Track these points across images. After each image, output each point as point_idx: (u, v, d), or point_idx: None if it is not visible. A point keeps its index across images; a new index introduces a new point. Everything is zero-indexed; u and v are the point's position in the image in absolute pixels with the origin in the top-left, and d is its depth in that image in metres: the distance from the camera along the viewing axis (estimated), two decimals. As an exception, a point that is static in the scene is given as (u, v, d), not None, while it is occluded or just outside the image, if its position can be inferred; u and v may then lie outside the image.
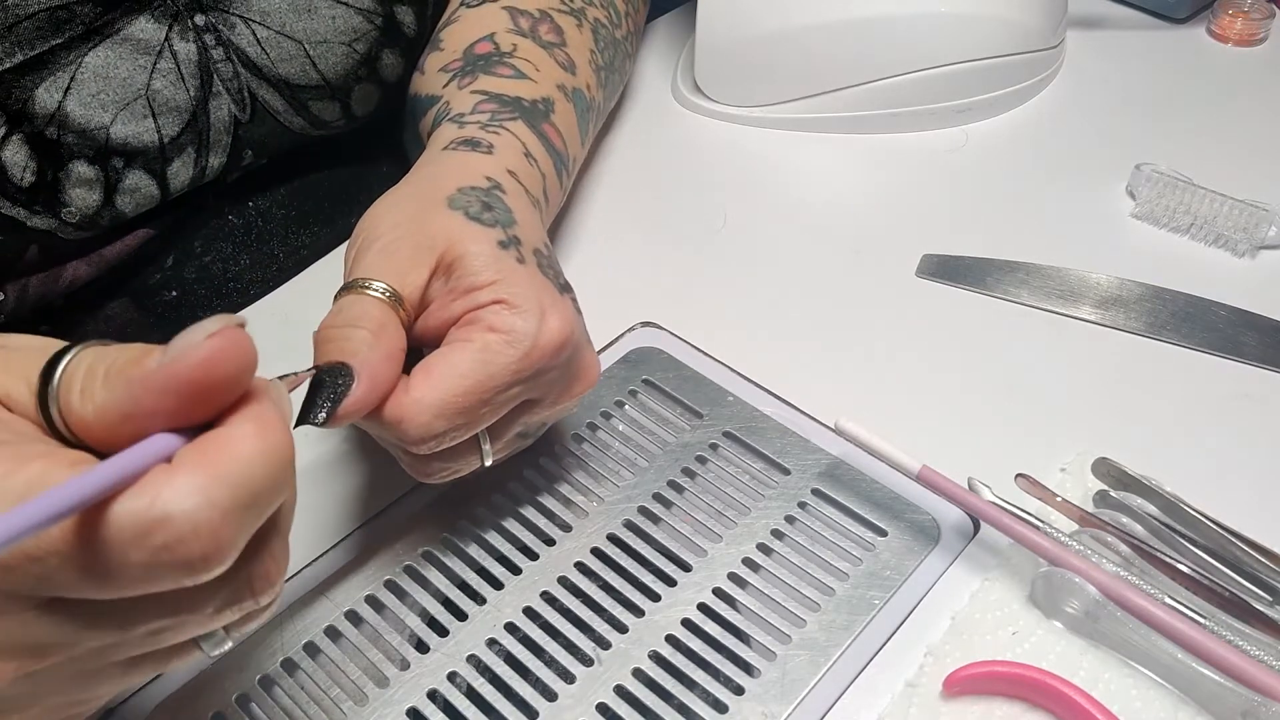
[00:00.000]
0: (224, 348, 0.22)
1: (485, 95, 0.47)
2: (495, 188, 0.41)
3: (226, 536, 0.22)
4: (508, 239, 0.38)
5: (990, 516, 0.38)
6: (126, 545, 0.21)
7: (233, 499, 0.22)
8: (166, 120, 0.48)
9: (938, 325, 0.49)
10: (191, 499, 0.22)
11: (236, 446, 0.23)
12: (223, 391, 0.23)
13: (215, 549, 0.22)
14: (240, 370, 0.23)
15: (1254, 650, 0.33)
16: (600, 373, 0.40)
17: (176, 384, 0.22)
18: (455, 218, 0.38)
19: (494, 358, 0.34)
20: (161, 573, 0.22)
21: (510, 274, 0.36)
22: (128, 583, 0.22)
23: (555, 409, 0.39)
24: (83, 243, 0.49)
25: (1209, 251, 0.53)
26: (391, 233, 0.37)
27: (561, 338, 0.35)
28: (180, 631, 0.25)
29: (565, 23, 0.53)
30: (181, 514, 0.21)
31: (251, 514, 0.23)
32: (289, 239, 0.55)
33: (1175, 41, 0.69)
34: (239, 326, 0.23)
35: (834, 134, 0.62)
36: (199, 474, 0.22)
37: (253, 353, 0.23)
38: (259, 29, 0.49)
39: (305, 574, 0.40)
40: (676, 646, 0.38)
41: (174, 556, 0.22)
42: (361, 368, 0.33)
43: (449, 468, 0.37)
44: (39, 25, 0.43)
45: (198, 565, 0.22)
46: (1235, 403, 0.45)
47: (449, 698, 0.36)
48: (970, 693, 0.35)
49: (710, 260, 0.53)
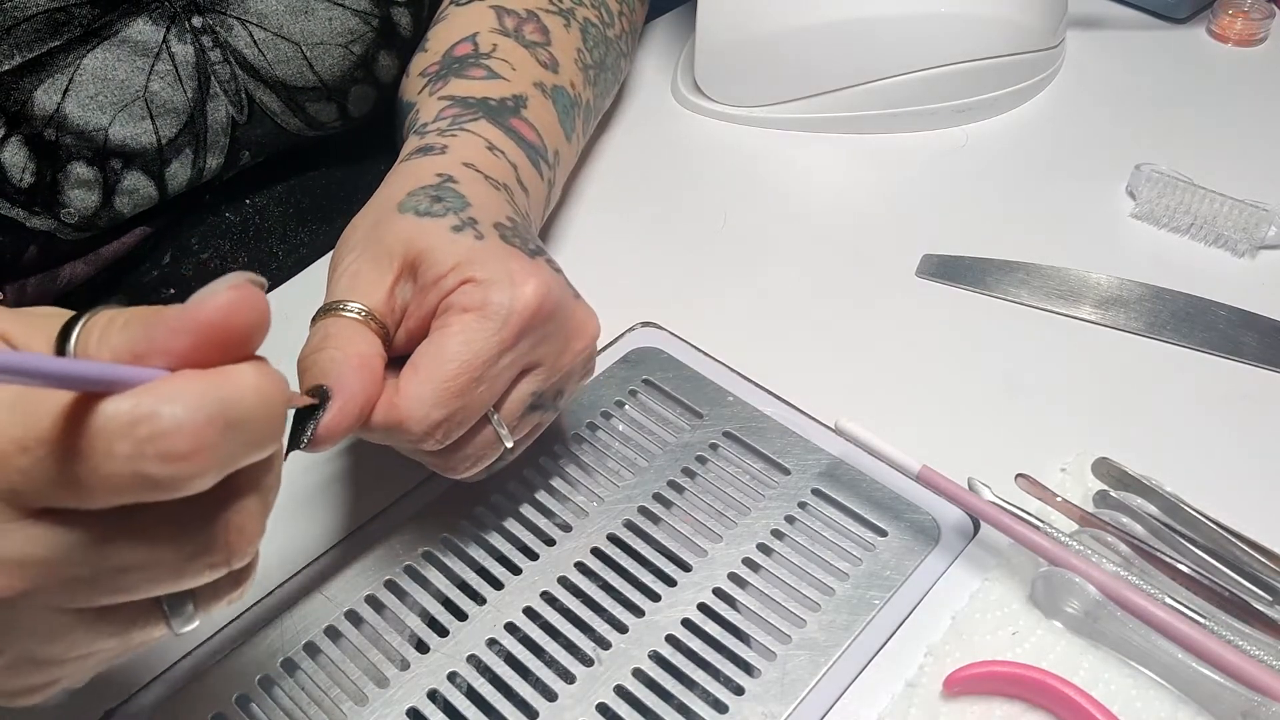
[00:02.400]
0: (243, 298, 0.23)
1: (450, 100, 0.47)
2: (446, 180, 0.40)
3: (208, 442, 0.22)
4: (461, 222, 0.38)
5: (990, 516, 0.38)
6: (114, 435, 0.22)
7: (221, 413, 0.22)
8: (164, 122, 0.48)
9: (938, 325, 0.49)
10: (181, 401, 0.22)
11: (234, 374, 0.23)
12: (236, 342, 0.23)
13: (196, 450, 0.22)
14: (255, 324, 0.24)
15: (1254, 650, 0.33)
16: (599, 325, 0.39)
17: (193, 325, 0.23)
18: (406, 219, 0.38)
19: (474, 335, 0.34)
20: (144, 468, 0.22)
21: (470, 252, 0.36)
22: (112, 481, 0.22)
23: (561, 374, 0.38)
24: (81, 243, 0.49)
25: (1209, 251, 0.53)
26: (351, 253, 0.37)
27: (538, 299, 0.35)
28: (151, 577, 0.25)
29: (552, 23, 0.53)
30: (170, 412, 0.22)
31: (237, 437, 0.23)
32: (287, 236, 0.55)
33: (1175, 41, 0.69)
34: (258, 285, 0.24)
35: (834, 134, 0.62)
36: (193, 382, 0.23)
37: (268, 311, 0.24)
38: (256, 31, 0.49)
39: (305, 574, 0.40)
40: (676, 646, 0.38)
41: (157, 449, 0.22)
42: (334, 384, 0.33)
43: (469, 457, 0.37)
44: (37, 27, 0.43)
45: (180, 464, 0.22)
46: (1235, 403, 0.45)
47: (449, 698, 0.36)
48: (970, 693, 0.35)
49: (710, 260, 0.53)
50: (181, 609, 0.27)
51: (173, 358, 0.23)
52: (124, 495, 0.22)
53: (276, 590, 0.40)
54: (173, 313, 0.23)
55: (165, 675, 0.37)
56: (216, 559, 0.25)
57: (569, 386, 0.40)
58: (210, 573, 0.25)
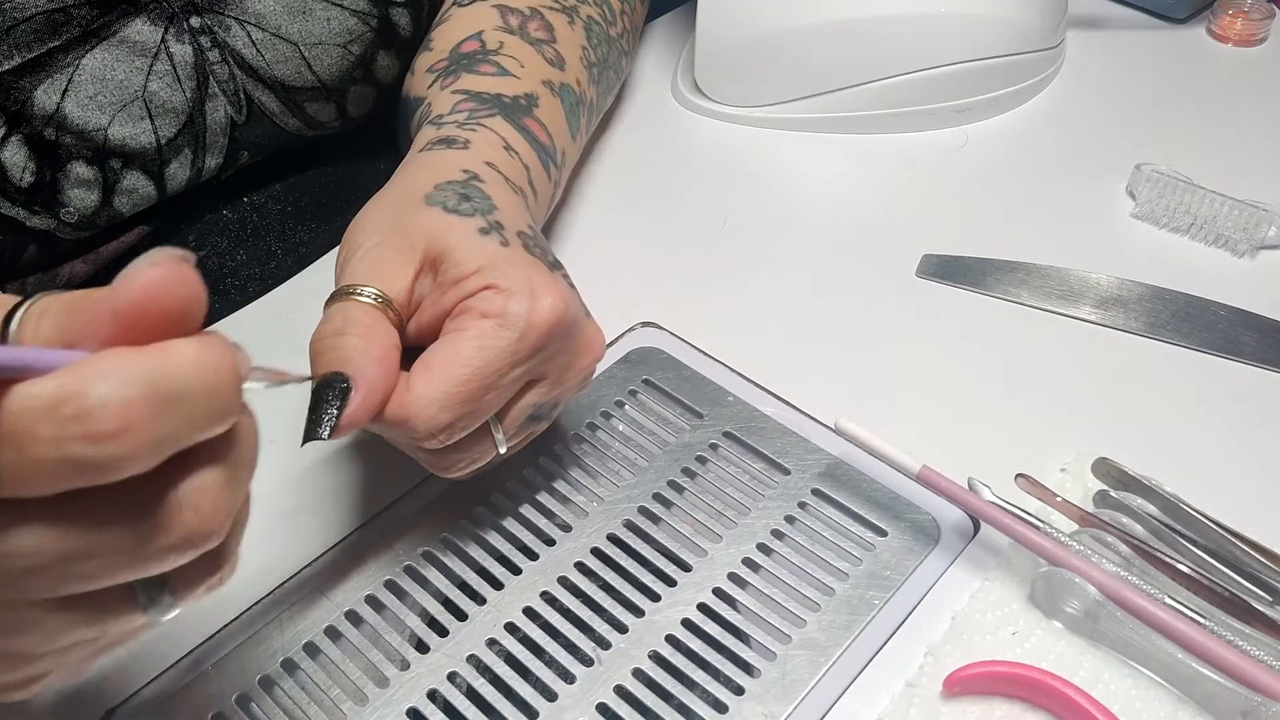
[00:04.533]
0: (166, 276, 0.22)
1: (465, 94, 0.47)
2: (472, 179, 0.40)
3: (139, 419, 0.21)
4: (488, 225, 0.38)
5: (990, 516, 0.38)
6: (36, 417, 0.21)
7: (152, 388, 0.21)
8: (163, 122, 0.48)
9: (938, 325, 0.49)
10: (107, 378, 0.21)
11: (170, 349, 0.22)
12: (168, 322, 0.22)
13: (125, 428, 0.21)
14: (185, 302, 0.23)
15: (1254, 650, 0.33)
16: (605, 344, 0.39)
17: (116, 309, 0.22)
18: (434, 213, 0.38)
19: (490, 343, 0.34)
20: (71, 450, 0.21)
21: (495, 258, 0.36)
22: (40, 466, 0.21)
23: (563, 387, 0.38)
24: (80, 242, 0.49)
25: (1209, 251, 0.53)
26: (373, 239, 0.37)
27: (555, 314, 0.35)
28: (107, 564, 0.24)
29: (556, 20, 0.53)
30: (95, 391, 0.21)
31: (176, 413, 0.22)
32: (286, 235, 0.55)
33: (1175, 41, 0.69)
34: (184, 261, 0.23)
35: (834, 134, 0.62)
36: (121, 358, 0.21)
37: (198, 288, 0.23)
38: (254, 31, 0.49)
39: (305, 574, 0.40)
40: (676, 646, 0.38)
41: (82, 430, 0.21)
42: (356, 374, 0.33)
43: (465, 459, 0.37)
44: (36, 28, 0.43)
45: (107, 445, 0.21)
46: (1235, 403, 0.45)
47: (449, 698, 0.36)
48: (970, 693, 0.35)
49: (710, 260, 0.53)
50: (158, 597, 0.26)
51: (101, 343, 0.22)
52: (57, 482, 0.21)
53: (276, 590, 0.40)
54: (98, 295, 0.22)
55: (165, 675, 0.37)
56: (174, 540, 0.24)
57: (566, 398, 0.40)
58: (175, 555, 0.24)
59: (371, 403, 0.33)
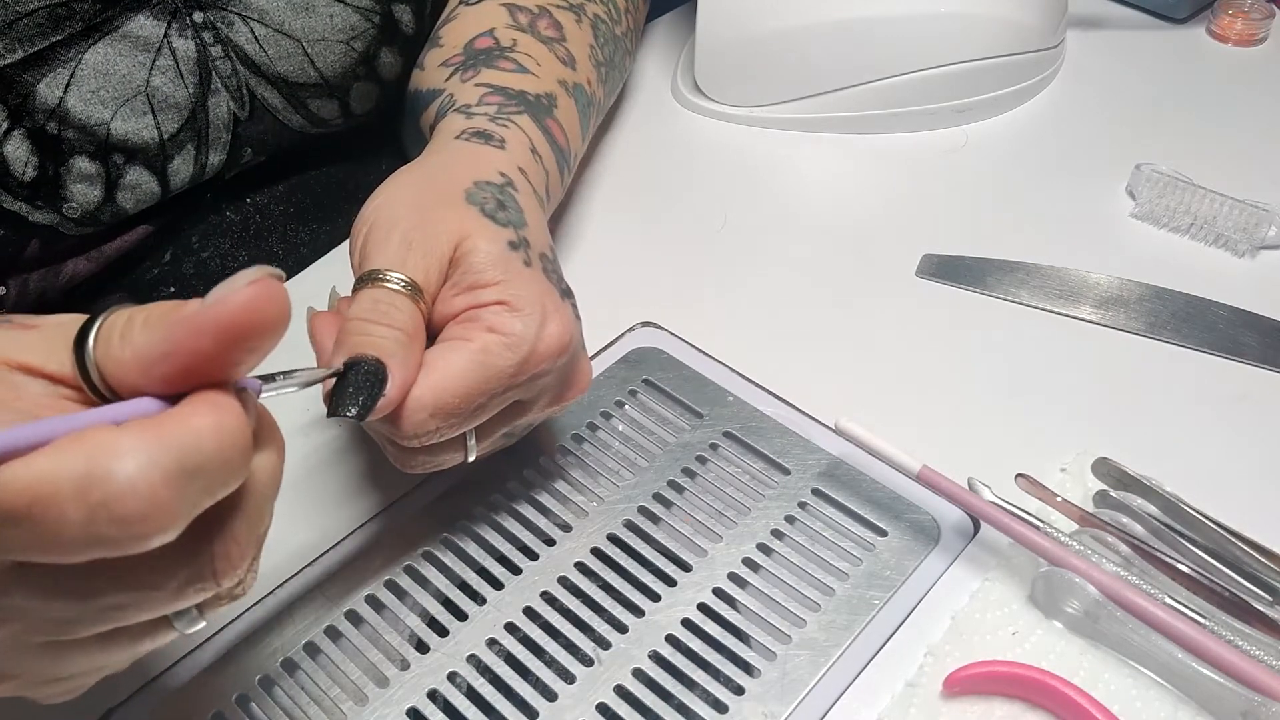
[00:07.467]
0: (263, 293, 0.23)
1: (490, 88, 0.47)
2: (508, 184, 0.41)
3: (166, 499, 0.22)
4: (518, 240, 0.38)
5: (990, 516, 0.38)
6: (65, 500, 0.21)
7: (176, 464, 0.22)
8: (166, 117, 0.48)
9: (938, 325, 0.49)
10: (131, 457, 0.21)
11: (187, 419, 0.23)
12: (258, 337, 0.23)
13: (153, 509, 0.22)
14: (276, 318, 0.23)
15: (1254, 650, 0.33)
16: (591, 381, 0.40)
17: (216, 325, 0.23)
18: (471, 213, 0.38)
19: (493, 360, 0.34)
20: (102, 531, 0.21)
21: (516, 276, 0.36)
22: (71, 542, 0.22)
23: (545, 413, 0.39)
24: (83, 239, 0.49)
25: (1209, 251, 0.53)
26: (408, 220, 0.37)
27: (560, 344, 0.36)
28: (144, 609, 0.25)
29: (564, 18, 0.53)
30: (122, 471, 0.21)
31: (196, 484, 0.23)
32: (287, 235, 0.55)
33: (1175, 41, 0.69)
34: (277, 278, 0.23)
35: (834, 134, 0.62)
36: (143, 436, 0.22)
37: (288, 304, 0.23)
38: (257, 27, 0.49)
39: (305, 574, 0.40)
40: (676, 646, 0.38)
41: (111, 514, 0.21)
42: (396, 370, 0.33)
43: (432, 461, 0.37)
44: (39, 22, 0.43)
45: (136, 525, 0.22)
46: (1235, 403, 0.45)
47: (449, 698, 0.36)
48: (970, 693, 0.35)
49: (710, 260, 0.53)
50: (185, 614, 0.27)
51: (199, 360, 0.23)
52: (89, 554, 0.22)
53: (276, 590, 0.40)
54: (193, 310, 0.23)
55: (166, 675, 0.37)
56: (206, 585, 0.25)
57: (541, 421, 0.40)
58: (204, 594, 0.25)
59: (398, 396, 0.33)
